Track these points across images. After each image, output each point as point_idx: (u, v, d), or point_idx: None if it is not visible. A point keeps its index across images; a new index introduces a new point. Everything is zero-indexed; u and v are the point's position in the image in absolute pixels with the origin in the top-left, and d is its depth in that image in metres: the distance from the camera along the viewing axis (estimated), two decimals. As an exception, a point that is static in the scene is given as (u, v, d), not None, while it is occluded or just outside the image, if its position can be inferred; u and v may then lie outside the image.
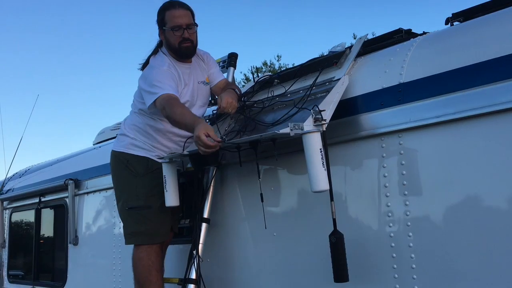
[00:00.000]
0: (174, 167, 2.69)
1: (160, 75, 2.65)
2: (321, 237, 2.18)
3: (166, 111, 2.53)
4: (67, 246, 4.25)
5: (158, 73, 2.66)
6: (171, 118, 2.52)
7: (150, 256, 2.73)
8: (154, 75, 2.66)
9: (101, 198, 3.95)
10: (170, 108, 2.51)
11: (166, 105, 2.52)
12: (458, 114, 1.95)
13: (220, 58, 3.26)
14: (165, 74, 2.66)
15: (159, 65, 2.73)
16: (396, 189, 2.12)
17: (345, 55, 2.52)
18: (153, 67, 2.75)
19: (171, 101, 2.54)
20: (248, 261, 2.74)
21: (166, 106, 2.52)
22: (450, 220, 1.98)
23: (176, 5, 2.77)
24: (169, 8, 2.77)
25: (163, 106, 2.54)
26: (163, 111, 2.55)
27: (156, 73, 2.67)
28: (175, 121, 2.52)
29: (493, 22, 2.10)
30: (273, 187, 2.61)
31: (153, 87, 2.60)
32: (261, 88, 2.88)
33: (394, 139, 2.14)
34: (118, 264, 3.61)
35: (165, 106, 2.53)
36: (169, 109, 2.50)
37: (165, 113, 2.54)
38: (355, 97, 2.33)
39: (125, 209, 2.83)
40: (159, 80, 2.61)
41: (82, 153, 4.77)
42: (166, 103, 2.53)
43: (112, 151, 2.96)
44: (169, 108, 2.51)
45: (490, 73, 1.91)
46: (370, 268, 2.17)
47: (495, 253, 1.83)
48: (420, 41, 2.31)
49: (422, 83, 2.10)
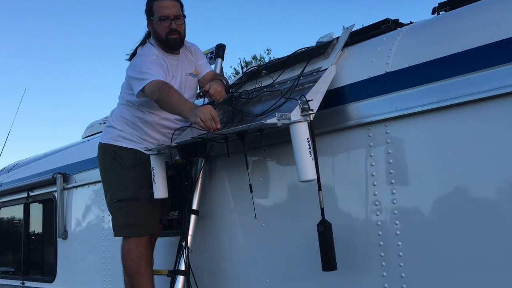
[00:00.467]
0: (162, 159, 2.68)
1: (149, 63, 2.63)
2: (309, 226, 2.19)
3: (160, 93, 2.47)
4: (56, 241, 4.22)
5: (148, 61, 2.65)
6: (166, 99, 2.46)
7: (139, 248, 2.73)
8: (144, 63, 2.64)
9: (90, 192, 3.92)
10: (166, 90, 2.47)
11: (161, 87, 2.48)
12: (443, 102, 1.96)
13: (207, 50, 3.24)
14: (155, 62, 2.64)
15: (147, 54, 2.71)
16: (383, 178, 2.13)
17: (332, 45, 2.52)
18: (142, 55, 2.73)
19: (166, 85, 2.51)
20: (237, 252, 2.74)
21: (160, 88, 2.48)
22: (436, 208, 2.00)
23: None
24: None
25: (156, 89, 2.49)
26: (154, 93, 2.49)
27: (146, 60, 2.66)
28: (171, 103, 2.46)
29: (478, 11, 2.11)
30: (261, 178, 2.61)
31: (142, 74, 2.58)
32: (249, 79, 2.87)
33: (381, 128, 2.15)
34: (108, 258, 3.60)
35: (159, 88, 2.48)
36: (165, 91, 2.46)
37: (158, 94, 2.48)
38: (342, 87, 2.34)
39: (114, 201, 2.81)
40: (148, 67, 2.59)
41: (71, 147, 4.73)
42: (161, 86, 2.49)
43: (100, 143, 2.94)
44: (164, 90, 2.47)
45: (474, 61, 1.92)
46: (357, 256, 2.18)
47: (482, 240, 1.85)
48: (407, 30, 2.31)
49: (408, 72, 2.10)
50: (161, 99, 2.49)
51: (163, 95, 2.47)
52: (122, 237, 2.80)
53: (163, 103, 2.51)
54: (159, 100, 2.51)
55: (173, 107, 2.49)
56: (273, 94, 2.57)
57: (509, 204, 1.81)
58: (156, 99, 2.52)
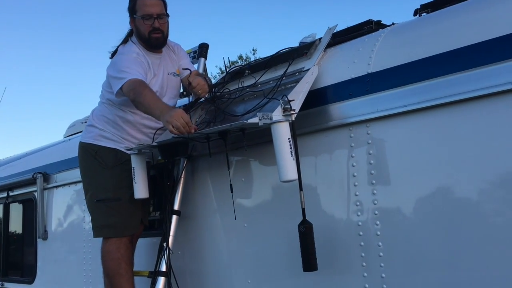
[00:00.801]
0: (143, 159, 2.65)
1: (128, 61, 2.60)
2: (291, 227, 2.18)
3: (134, 93, 2.43)
4: (36, 241, 4.16)
5: (127, 60, 2.61)
6: (140, 100, 2.43)
7: (119, 249, 2.70)
8: (123, 61, 2.61)
9: (71, 192, 3.87)
10: (140, 90, 2.43)
11: (136, 87, 2.45)
12: (424, 103, 1.97)
13: (190, 49, 3.23)
14: (134, 61, 2.61)
15: (128, 52, 2.68)
16: (364, 178, 2.13)
17: (315, 45, 2.51)
18: (122, 54, 2.70)
19: (142, 84, 2.48)
20: (219, 252, 2.72)
21: (135, 88, 2.44)
22: (416, 208, 2.00)
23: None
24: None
25: (131, 88, 2.45)
26: (130, 93, 2.46)
27: (125, 59, 2.62)
28: (143, 103, 2.43)
29: (459, 12, 2.12)
30: (243, 178, 2.60)
31: (121, 73, 2.54)
32: (232, 78, 2.86)
33: (362, 129, 2.15)
34: (88, 259, 3.56)
35: (134, 88, 2.45)
36: (139, 91, 2.43)
37: (133, 94, 2.44)
38: (325, 87, 2.34)
39: (93, 202, 2.78)
40: (127, 65, 2.56)
41: (52, 146, 4.67)
42: (136, 85, 2.46)
43: (80, 143, 2.90)
44: (139, 90, 2.43)
45: (455, 63, 1.93)
46: (338, 256, 2.18)
47: (462, 240, 1.86)
48: (388, 31, 2.32)
49: (389, 73, 2.11)
50: (135, 99, 2.46)
51: (137, 95, 2.43)
52: (102, 238, 2.76)
53: (137, 104, 2.48)
54: (134, 100, 2.48)
55: (146, 108, 2.46)
56: (255, 94, 2.56)
57: (489, 204, 1.83)
58: (132, 99, 2.49)
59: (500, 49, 1.82)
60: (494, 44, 1.84)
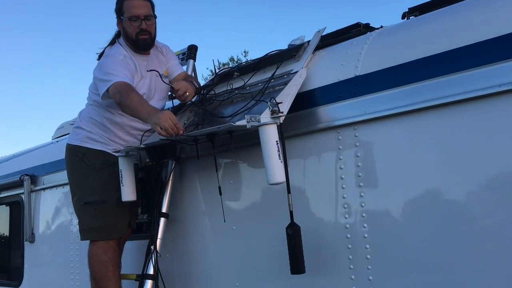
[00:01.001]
0: (130, 161, 2.63)
1: (115, 63, 2.58)
2: (279, 229, 2.17)
3: (121, 96, 2.42)
4: (23, 244, 4.12)
5: (113, 62, 2.60)
6: (126, 103, 2.41)
7: (106, 252, 2.67)
8: (109, 64, 2.59)
9: (59, 194, 3.83)
10: (126, 93, 2.42)
11: (122, 90, 2.43)
12: (411, 106, 1.98)
13: (179, 50, 3.21)
14: (121, 63, 2.59)
15: (114, 55, 2.66)
16: (352, 180, 2.13)
17: (303, 48, 2.51)
18: (108, 56, 2.68)
19: (128, 87, 2.46)
20: (208, 255, 2.71)
21: (121, 91, 2.43)
22: (404, 211, 2.01)
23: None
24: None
25: (117, 91, 2.43)
26: (116, 95, 2.44)
27: (112, 61, 2.60)
28: (130, 106, 2.41)
29: (446, 16, 2.13)
30: (232, 180, 2.59)
31: (107, 75, 2.53)
32: (221, 80, 2.85)
33: (350, 131, 2.16)
34: (76, 262, 3.52)
35: (120, 91, 2.43)
36: (125, 94, 2.41)
37: (119, 97, 2.42)
38: (313, 90, 2.34)
39: (81, 204, 2.75)
40: (114, 68, 2.54)
41: (39, 148, 4.62)
42: (122, 88, 2.44)
43: (67, 145, 2.88)
44: (125, 93, 2.42)
45: (442, 66, 1.94)
46: (326, 259, 2.18)
47: (449, 242, 1.86)
48: (376, 34, 2.33)
49: (376, 75, 2.12)
50: (121, 102, 2.44)
51: (123, 98, 2.41)
52: (89, 240, 2.73)
53: (123, 106, 2.47)
54: (120, 103, 2.46)
55: (132, 111, 2.44)
56: (244, 96, 2.56)
57: (477, 206, 1.83)
58: (118, 102, 2.47)
59: (487, 52, 1.83)
60: (481, 47, 1.86)
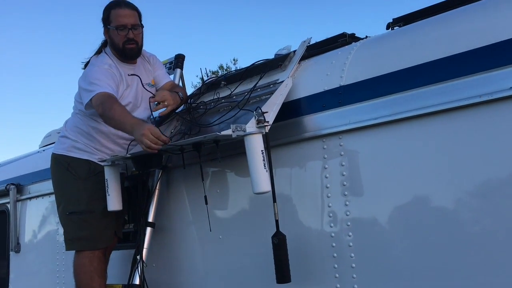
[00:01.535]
0: (116, 170, 2.62)
1: (99, 73, 2.58)
2: (265, 238, 2.17)
3: (103, 107, 2.43)
4: (8, 254, 4.07)
5: (98, 71, 2.60)
6: (109, 115, 2.42)
7: (92, 262, 2.65)
8: (94, 73, 2.59)
9: (45, 204, 3.80)
10: (109, 104, 2.42)
11: (105, 101, 2.44)
12: (395, 115, 2.00)
13: (167, 60, 3.22)
14: (105, 73, 2.59)
15: (99, 64, 2.66)
16: (337, 189, 2.14)
17: (289, 58, 2.53)
18: (93, 65, 2.68)
19: (111, 98, 2.46)
20: (194, 264, 2.70)
21: (104, 102, 2.43)
22: (388, 219, 2.02)
23: (122, 4, 2.73)
24: (114, 7, 2.72)
25: (100, 102, 2.44)
26: (99, 107, 2.45)
27: (96, 71, 2.60)
28: (113, 118, 2.42)
29: (431, 26, 2.16)
30: (218, 189, 2.59)
31: (91, 85, 2.53)
32: (208, 90, 2.86)
33: (335, 141, 2.17)
34: (62, 272, 3.49)
35: (103, 102, 2.44)
36: (108, 106, 2.42)
37: (102, 109, 2.43)
38: (298, 99, 2.35)
39: (66, 214, 2.74)
40: (97, 78, 2.54)
41: (26, 156, 4.59)
42: (105, 100, 2.45)
43: (53, 154, 2.86)
44: (108, 104, 2.42)
45: (425, 76, 1.96)
46: (312, 268, 2.18)
47: (434, 251, 1.88)
48: (361, 45, 2.35)
49: (361, 85, 2.14)
50: (104, 114, 2.45)
51: (106, 109, 2.42)
52: (75, 251, 2.71)
53: (106, 118, 2.48)
54: (103, 115, 2.47)
55: (115, 123, 2.45)
56: (230, 106, 2.57)
57: (463, 214, 1.85)
58: (100, 114, 2.48)
59: (470, 62, 1.85)
60: (465, 57, 1.88)
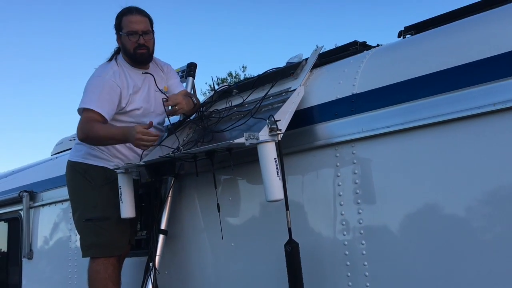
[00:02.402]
0: (130, 178, 2.64)
1: (95, 86, 2.70)
2: (277, 246, 2.18)
3: (83, 133, 2.60)
4: (21, 261, 4.11)
5: (96, 83, 2.72)
6: (93, 135, 2.58)
7: (107, 269, 2.67)
8: (91, 84, 2.73)
9: (57, 211, 3.84)
10: (89, 127, 2.58)
11: (83, 127, 2.60)
12: (407, 124, 2.00)
13: (179, 68, 3.25)
14: (102, 86, 2.68)
15: (101, 74, 2.74)
16: (350, 197, 2.14)
17: (301, 66, 2.55)
18: (95, 76, 2.76)
19: (90, 121, 2.59)
20: (206, 272, 2.71)
21: (83, 128, 2.60)
22: (401, 227, 2.02)
23: (134, 11, 2.81)
24: (126, 13, 2.80)
25: (79, 129, 2.62)
26: (78, 133, 2.63)
27: (94, 83, 2.72)
28: (99, 135, 2.58)
29: (442, 35, 2.17)
30: (230, 197, 2.60)
31: (85, 95, 2.68)
32: (220, 98, 2.88)
33: (347, 149, 2.17)
34: (74, 278, 3.51)
35: (81, 128, 2.61)
36: (88, 128, 2.58)
37: (82, 135, 2.61)
38: (311, 108, 2.36)
39: (82, 221, 2.75)
40: (92, 91, 2.68)
41: (38, 164, 4.63)
42: (84, 126, 2.60)
43: (69, 161, 2.89)
44: (88, 128, 2.58)
45: (438, 84, 1.97)
46: (325, 276, 2.18)
47: (447, 259, 1.87)
48: (373, 53, 2.36)
49: (373, 93, 2.14)
50: (88, 136, 2.61)
51: (89, 131, 2.58)
52: (90, 257, 2.73)
53: (92, 139, 2.63)
54: (87, 138, 2.62)
55: (104, 138, 2.60)
56: (242, 114, 2.58)
57: (475, 222, 1.85)
58: (83, 138, 2.63)
59: (484, 71, 1.86)
60: (478, 65, 1.88)
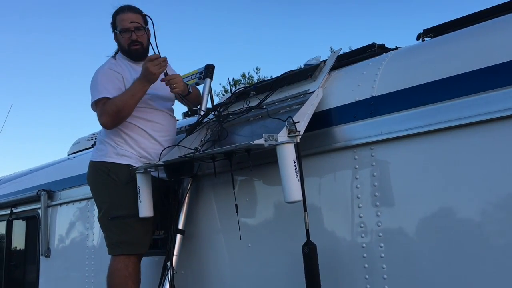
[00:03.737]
0: (148, 177, 2.67)
1: (99, 78, 2.84)
2: (295, 247, 2.19)
3: (108, 113, 2.72)
4: (38, 259, 4.16)
5: (99, 76, 2.86)
6: (117, 106, 2.70)
7: (127, 268, 2.69)
8: (95, 79, 2.86)
9: (75, 209, 3.88)
10: (109, 105, 2.72)
11: (105, 108, 2.73)
12: (427, 127, 2.00)
13: (197, 70, 3.27)
14: (105, 75, 2.83)
15: (100, 69, 2.89)
16: (368, 200, 2.15)
17: (319, 68, 2.56)
18: (96, 73, 2.89)
19: (106, 104, 2.74)
20: (223, 272, 2.72)
21: (105, 109, 2.72)
22: (420, 230, 2.02)
23: (126, 9, 2.93)
24: (119, 12, 2.93)
25: (102, 112, 2.74)
26: (104, 116, 2.73)
27: (97, 76, 2.87)
28: (121, 101, 2.69)
29: (462, 38, 2.17)
30: (248, 198, 2.61)
31: (92, 90, 2.82)
32: (238, 99, 2.90)
33: (366, 151, 2.18)
34: (91, 277, 3.55)
35: (105, 110, 2.73)
36: (109, 106, 2.72)
37: (111, 114, 2.72)
38: (329, 110, 2.37)
39: (108, 219, 2.77)
40: (97, 83, 2.83)
41: (56, 163, 4.70)
42: (105, 107, 2.74)
43: (91, 162, 2.92)
44: (108, 106, 2.72)
45: (458, 87, 1.96)
46: (342, 278, 2.18)
47: (465, 262, 1.87)
48: (392, 56, 2.36)
49: (393, 96, 2.14)
50: (113, 112, 2.71)
51: (110, 109, 2.71)
52: (112, 255, 2.76)
53: (118, 112, 2.73)
54: (114, 114, 2.72)
55: (126, 101, 2.71)
56: (261, 115, 2.60)
57: (493, 226, 1.84)
58: (111, 118, 2.74)
59: (503, 75, 1.85)
60: (497, 70, 1.88)
